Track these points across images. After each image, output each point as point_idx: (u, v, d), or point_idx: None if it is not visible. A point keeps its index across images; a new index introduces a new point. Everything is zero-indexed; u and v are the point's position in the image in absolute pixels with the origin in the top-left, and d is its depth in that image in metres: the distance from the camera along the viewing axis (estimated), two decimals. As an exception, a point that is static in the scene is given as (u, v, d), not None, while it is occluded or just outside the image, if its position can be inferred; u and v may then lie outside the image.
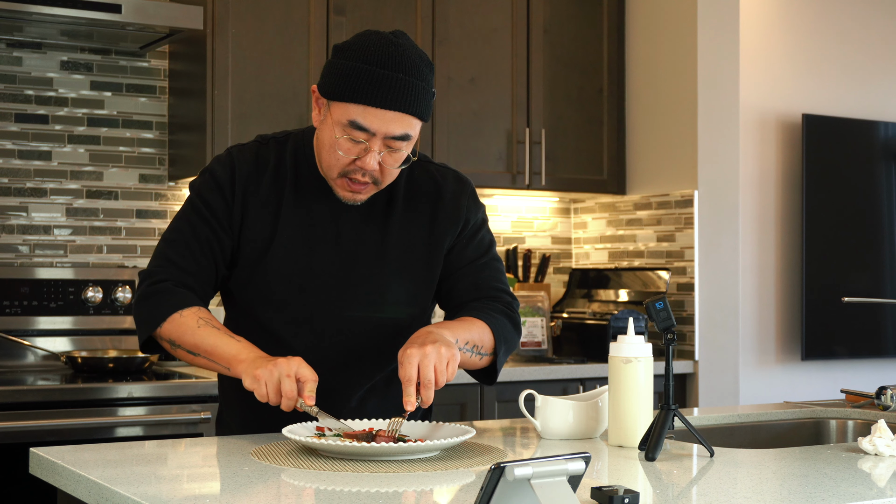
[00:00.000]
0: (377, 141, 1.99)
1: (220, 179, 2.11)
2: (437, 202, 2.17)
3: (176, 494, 1.56)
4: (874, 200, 4.80)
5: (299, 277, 2.10)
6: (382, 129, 1.98)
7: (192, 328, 2.02)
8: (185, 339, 2.02)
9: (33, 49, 3.75)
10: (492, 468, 1.30)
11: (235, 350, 1.97)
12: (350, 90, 1.97)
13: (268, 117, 3.73)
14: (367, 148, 2.00)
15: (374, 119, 1.97)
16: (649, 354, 2.00)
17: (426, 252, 2.16)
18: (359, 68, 1.97)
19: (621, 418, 2.00)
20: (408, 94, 1.98)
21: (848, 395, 2.76)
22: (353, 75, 1.97)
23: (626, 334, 2.02)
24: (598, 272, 4.43)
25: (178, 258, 2.09)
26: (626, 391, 2.00)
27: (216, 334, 2.01)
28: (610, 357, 2.02)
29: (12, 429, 3.01)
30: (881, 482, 1.74)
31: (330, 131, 2.02)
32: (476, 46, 4.12)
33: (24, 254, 3.73)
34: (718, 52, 4.16)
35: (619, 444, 2.01)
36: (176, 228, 2.13)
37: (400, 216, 2.15)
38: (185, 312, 2.04)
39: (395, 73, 1.97)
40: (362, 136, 1.99)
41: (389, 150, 2.01)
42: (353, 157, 2.01)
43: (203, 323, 2.02)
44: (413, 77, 1.99)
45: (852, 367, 4.77)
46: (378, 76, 1.96)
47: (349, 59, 2.00)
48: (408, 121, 2.00)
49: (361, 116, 1.97)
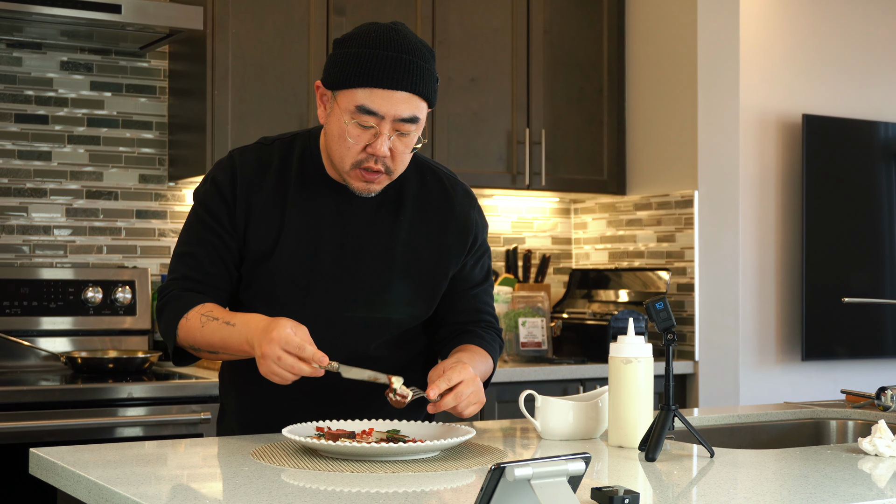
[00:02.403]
0: (386, 124, 1.99)
1: (221, 185, 2.11)
2: (448, 213, 2.18)
3: (176, 495, 1.56)
4: (874, 200, 4.80)
5: (303, 278, 2.10)
6: (391, 111, 1.98)
7: (197, 329, 2.02)
8: (198, 342, 2.03)
9: (33, 49, 3.75)
10: (492, 468, 1.30)
11: (242, 338, 1.96)
12: (355, 75, 1.97)
13: (268, 117, 3.73)
14: (376, 133, 1.99)
15: (382, 101, 1.97)
16: (649, 355, 2.00)
17: (432, 257, 2.16)
18: (362, 53, 1.98)
19: (621, 419, 2.00)
20: (413, 73, 1.98)
21: (848, 396, 2.76)
22: (357, 61, 1.98)
23: (627, 335, 2.02)
24: (598, 272, 4.43)
25: (187, 269, 2.10)
26: (627, 391, 2.00)
27: (220, 328, 2.00)
28: (610, 357, 2.03)
29: (12, 429, 3.01)
30: (881, 483, 1.74)
31: (338, 121, 2.01)
32: (476, 46, 4.12)
33: (24, 254, 3.73)
34: (718, 52, 4.16)
35: (620, 444, 2.01)
36: (183, 241, 2.14)
37: (408, 220, 2.15)
38: (189, 315, 2.04)
39: (399, 55, 1.98)
40: (371, 119, 1.98)
41: (399, 133, 2.01)
42: (363, 144, 2.00)
43: (206, 320, 2.02)
44: (417, 58, 2.00)
45: (852, 368, 4.77)
46: (382, 58, 1.97)
47: (351, 46, 2.00)
48: (415, 102, 2.00)
49: (368, 100, 1.97)
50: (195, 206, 2.15)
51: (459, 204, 2.20)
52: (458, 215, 2.19)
